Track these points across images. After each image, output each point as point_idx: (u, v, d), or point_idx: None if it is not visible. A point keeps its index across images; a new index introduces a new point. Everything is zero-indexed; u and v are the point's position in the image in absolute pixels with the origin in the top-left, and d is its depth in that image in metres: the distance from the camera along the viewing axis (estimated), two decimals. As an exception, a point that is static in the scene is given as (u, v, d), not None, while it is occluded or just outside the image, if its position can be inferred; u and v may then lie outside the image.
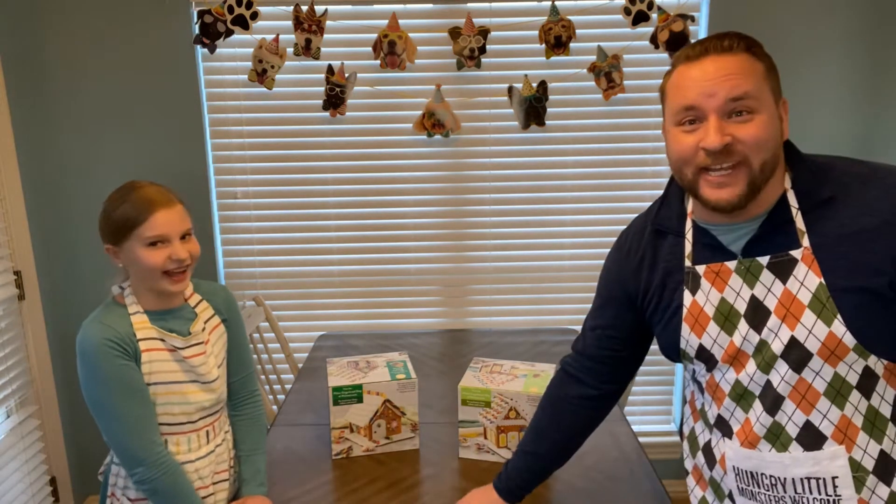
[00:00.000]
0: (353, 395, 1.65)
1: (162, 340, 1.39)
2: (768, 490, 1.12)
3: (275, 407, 2.53)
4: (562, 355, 2.31)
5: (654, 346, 2.84)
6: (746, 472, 1.13)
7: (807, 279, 1.04)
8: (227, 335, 1.53)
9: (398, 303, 2.68)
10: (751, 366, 1.10)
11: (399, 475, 1.61)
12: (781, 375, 1.07)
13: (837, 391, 1.05)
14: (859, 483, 1.06)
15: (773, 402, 1.09)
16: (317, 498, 1.53)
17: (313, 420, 1.89)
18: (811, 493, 1.09)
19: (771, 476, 1.11)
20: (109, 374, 1.32)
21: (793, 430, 1.08)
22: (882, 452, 1.06)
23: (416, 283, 2.67)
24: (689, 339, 1.17)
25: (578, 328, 2.66)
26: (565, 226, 2.62)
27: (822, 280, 1.03)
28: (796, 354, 1.05)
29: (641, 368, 2.69)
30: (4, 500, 2.19)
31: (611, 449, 1.71)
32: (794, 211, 1.06)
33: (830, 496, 1.08)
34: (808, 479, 1.08)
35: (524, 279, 2.66)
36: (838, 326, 1.02)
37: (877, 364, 1.04)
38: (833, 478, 1.07)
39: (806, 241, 1.04)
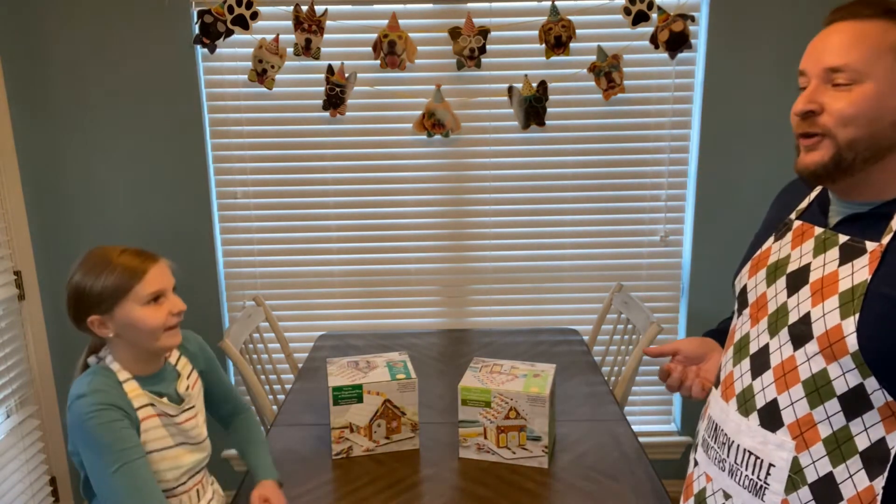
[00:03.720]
0: (353, 395, 1.65)
1: (153, 406, 1.35)
2: (720, 448, 1.13)
3: (275, 407, 2.53)
4: (562, 355, 2.31)
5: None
6: (714, 421, 1.15)
7: (858, 272, 0.97)
8: (204, 385, 1.55)
9: (398, 303, 2.68)
10: (763, 323, 1.10)
11: (399, 475, 1.61)
12: (780, 344, 1.05)
13: (816, 388, 0.99)
14: (791, 485, 1.02)
15: (760, 365, 1.08)
16: (317, 498, 1.53)
17: (313, 420, 1.89)
18: (746, 468, 1.08)
19: (725, 434, 1.12)
20: (118, 439, 1.27)
21: (760, 401, 1.07)
22: (830, 476, 0.98)
23: (416, 283, 2.67)
24: (743, 277, 1.19)
25: (578, 328, 2.68)
26: (565, 226, 2.62)
27: (869, 278, 0.96)
28: (800, 330, 1.02)
29: (641, 368, 2.70)
30: (4, 500, 2.19)
31: (611, 449, 1.71)
32: None
33: (760, 480, 1.05)
34: (750, 453, 1.07)
35: (524, 279, 2.66)
36: (849, 324, 0.95)
37: (875, 392, 0.95)
38: (770, 464, 1.04)
39: (886, 240, 0.97)
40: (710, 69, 2.45)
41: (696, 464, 1.21)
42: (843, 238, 1.03)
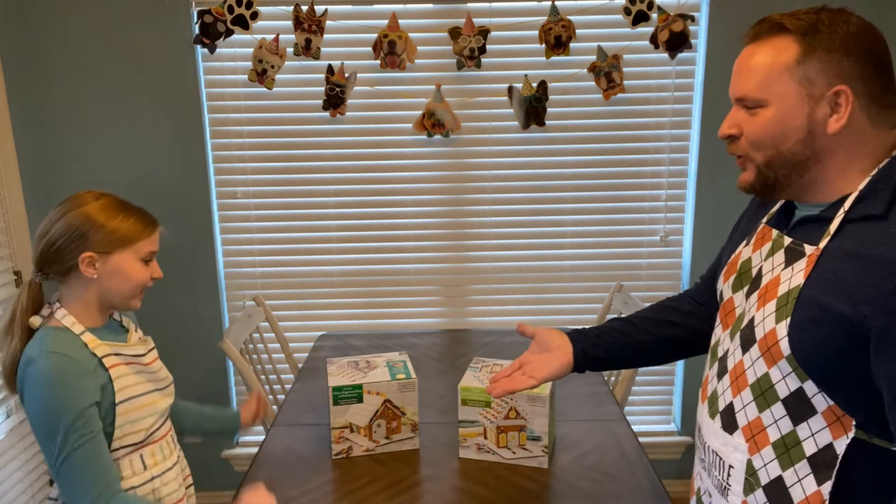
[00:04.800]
0: (353, 395, 1.65)
1: (118, 355, 1.34)
2: (701, 448, 1.16)
3: (275, 407, 2.54)
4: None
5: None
6: (698, 423, 1.19)
7: (795, 276, 0.98)
8: None
9: (398, 303, 2.68)
10: (728, 328, 1.13)
11: (399, 475, 1.61)
12: (735, 348, 1.08)
13: (762, 392, 1.01)
14: (749, 487, 1.03)
15: (722, 369, 1.11)
16: (317, 498, 1.53)
17: (313, 420, 1.89)
18: (714, 468, 1.10)
19: (702, 435, 1.15)
20: (73, 413, 1.23)
21: (721, 404, 1.09)
22: (780, 479, 0.99)
23: (416, 283, 2.67)
24: (719, 281, 1.21)
25: (578, 328, 2.66)
26: (565, 226, 2.62)
27: (803, 282, 0.96)
28: (746, 335, 1.04)
29: (641, 368, 2.70)
30: (4, 500, 2.19)
31: (611, 449, 1.71)
32: (840, 213, 0.97)
33: (723, 481, 1.08)
34: (716, 454, 1.10)
35: (524, 279, 2.66)
36: (782, 328, 0.97)
37: (816, 396, 0.95)
38: (730, 466, 1.06)
39: (823, 244, 0.97)
40: (710, 69, 2.45)
41: (696, 461, 1.24)
42: (787, 241, 1.04)
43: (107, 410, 1.30)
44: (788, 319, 0.96)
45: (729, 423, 1.07)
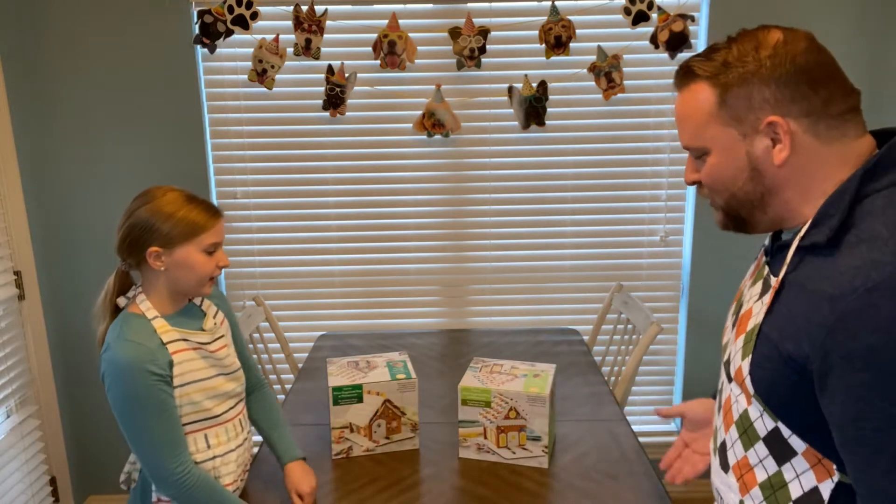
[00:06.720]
0: (353, 395, 1.65)
1: (185, 340, 1.41)
2: (713, 483, 1.15)
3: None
4: (562, 355, 2.31)
5: (654, 347, 2.82)
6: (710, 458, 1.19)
7: (762, 310, 0.95)
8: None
9: (398, 303, 2.68)
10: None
11: (399, 475, 1.61)
12: (725, 381, 1.04)
13: (745, 430, 0.97)
14: None
15: (719, 403, 1.07)
16: (317, 498, 1.53)
17: (313, 420, 1.89)
18: None
19: (710, 471, 1.13)
20: (144, 395, 1.33)
21: (718, 440, 1.06)
22: None
23: (416, 283, 2.67)
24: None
25: (578, 328, 2.67)
26: (565, 226, 2.62)
27: (763, 317, 0.93)
28: (727, 369, 1.02)
29: (641, 368, 2.70)
30: (4, 500, 2.19)
31: (611, 449, 1.71)
32: (796, 241, 0.92)
33: None
34: (718, 492, 1.06)
35: (524, 279, 2.66)
36: (746, 366, 0.94)
37: (791, 437, 0.91)
38: None
39: (781, 275, 0.93)
40: (710, 69, 2.44)
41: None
42: (766, 271, 1.01)
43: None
44: (750, 357, 0.93)
45: (723, 462, 1.04)
